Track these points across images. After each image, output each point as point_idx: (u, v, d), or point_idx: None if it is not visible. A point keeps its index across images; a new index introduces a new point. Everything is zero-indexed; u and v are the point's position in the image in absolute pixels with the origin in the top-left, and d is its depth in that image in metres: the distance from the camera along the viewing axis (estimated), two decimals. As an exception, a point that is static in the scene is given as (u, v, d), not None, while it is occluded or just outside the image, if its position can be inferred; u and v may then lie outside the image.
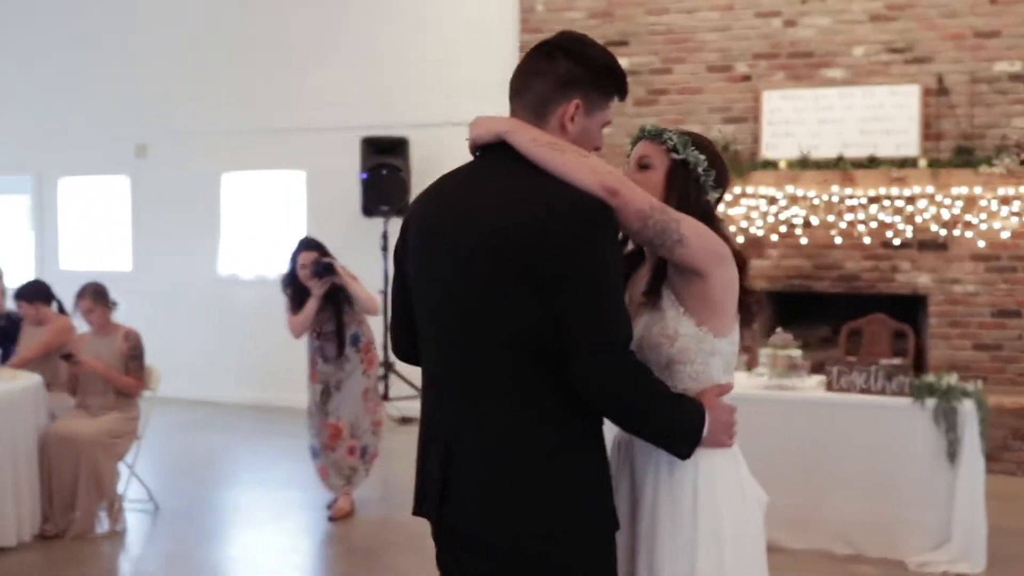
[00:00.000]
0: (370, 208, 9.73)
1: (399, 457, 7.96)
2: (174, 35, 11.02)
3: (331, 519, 6.63)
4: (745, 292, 2.65)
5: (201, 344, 10.90)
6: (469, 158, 2.64)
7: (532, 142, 2.43)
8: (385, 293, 9.56)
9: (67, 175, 11.70)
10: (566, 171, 2.39)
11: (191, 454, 8.74)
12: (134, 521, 6.63)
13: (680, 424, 2.48)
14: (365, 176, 9.72)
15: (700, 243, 2.50)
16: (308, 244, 6.77)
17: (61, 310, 7.24)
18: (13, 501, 6.01)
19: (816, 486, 6.01)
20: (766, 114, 8.75)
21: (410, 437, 8.66)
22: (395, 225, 9.74)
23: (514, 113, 2.53)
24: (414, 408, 9.58)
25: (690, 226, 2.49)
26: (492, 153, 2.50)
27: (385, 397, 9.69)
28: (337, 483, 6.72)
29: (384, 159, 9.69)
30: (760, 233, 8.66)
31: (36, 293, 7.14)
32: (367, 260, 10.09)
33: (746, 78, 8.88)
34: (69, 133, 11.49)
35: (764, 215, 8.63)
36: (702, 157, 2.64)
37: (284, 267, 6.87)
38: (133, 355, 6.69)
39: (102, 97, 11.40)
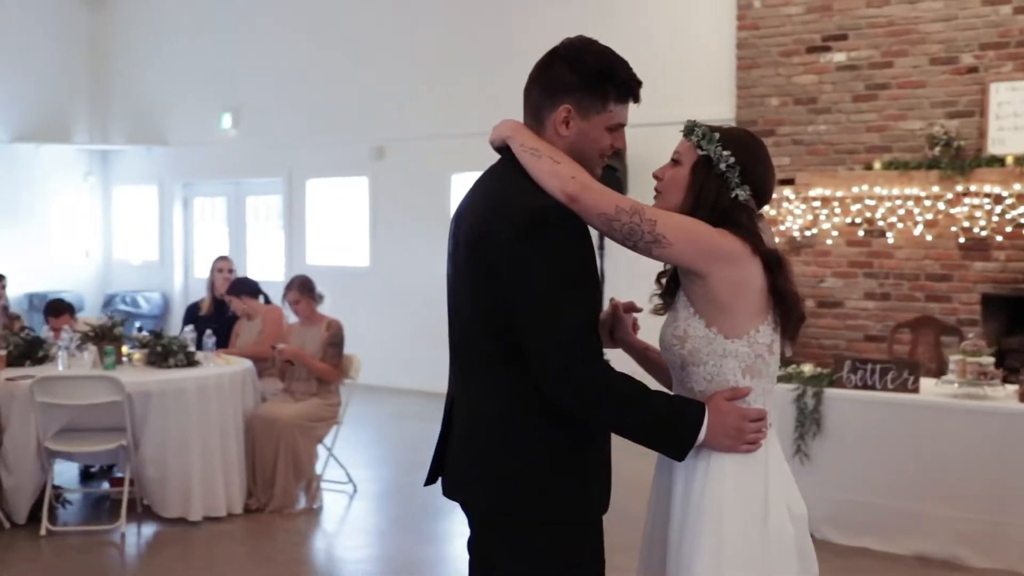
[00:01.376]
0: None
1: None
2: (411, 43, 11.52)
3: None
4: (779, 296, 2.57)
5: (429, 337, 11.34)
6: None
7: (520, 147, 2.59)
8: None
9: (314, 176, 12.46)
10: (537, 176, 2.53)
11: (407, 441, 9.11)
12: (331, 500, 7.03)
13: (662, 428, 2.51)
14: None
15: (685, 242, 2.49)
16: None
17: (267, 302, 7.78)
18: (223, 476, 6.53)
19: (1006, 502, 5.65)
20: (993, 107, 8.23)
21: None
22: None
23: (524, 119, 2.67)
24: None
25: (672, 225, 2.48)
26: (502, 156, 2.67)
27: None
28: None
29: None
30: (984, 234, 8.16)
31: (243, 288, 7.69)
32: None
33: (972, 70, 8.38)
34: (315, 137, 12.24)
35: (989, 214, 8.13)
36: (725, 152, 2.57)
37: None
38: (332, 343, 7.09)
39: (345, 103, 12.07)
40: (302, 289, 7.18)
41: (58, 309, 7.76)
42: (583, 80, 2.56)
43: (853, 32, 8.81)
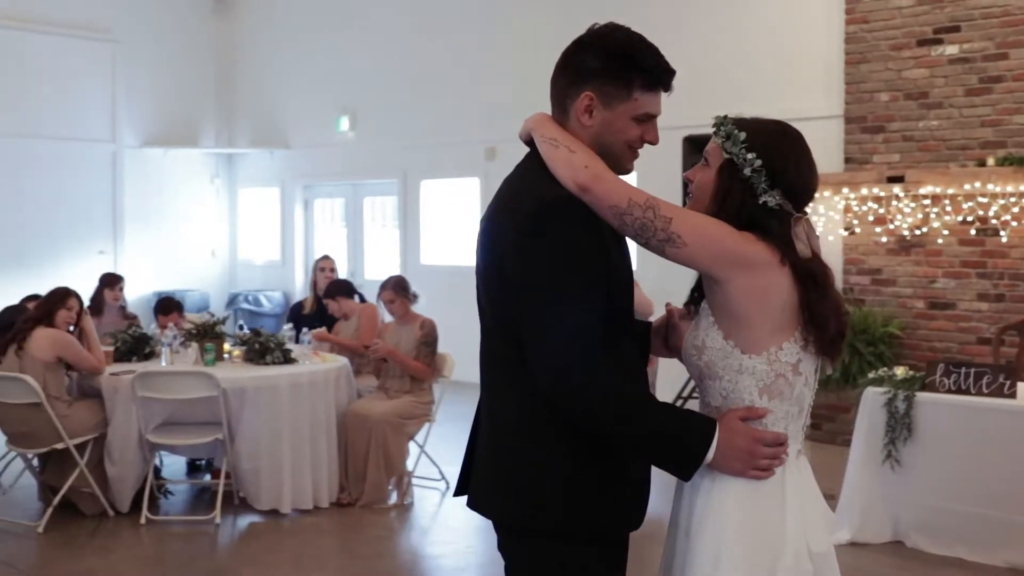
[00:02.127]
0: (690, 207, 9.72)
1: None
2: (523, 44, 11.56)
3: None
4: (810, 313, 2.35)
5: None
6: None
7: (540, 137, 2.46)
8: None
9: (427, 178, 12.63)
10: (552, 166, 2.40)
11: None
12: (423, 497, 7.14)
13: (665, 444, 2.34)
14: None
15: (701, 243, 2.31)
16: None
17: (362, 300, 7.93)
18: (311, 470, 6.70)
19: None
20: (1115, 100, 7.86)
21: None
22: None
23: (551, 111, 2.54)
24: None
25: (689, 224, 2.31)
26: (529, 151, 2.53)
27: (693, 395, 9.66)
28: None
29: (705, 157, 9.66)
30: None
31: (338, 290, 7.85)
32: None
33: (1092, 61, 8.01)
34: (429, 139, 12.41)
35: (1109, 212, 7.76)
36: (750, 155, 2.36)
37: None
38: (425, 342, 7.18)
39: (457, 105, 12.20)
40: (396, 288, 7.30)
41: (167, 307, 8.07)
42: (606, 66, 2.42)
43: (966, 23, 8.50)
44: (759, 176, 2.37)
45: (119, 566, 5.76)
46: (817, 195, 8.47)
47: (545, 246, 2.32)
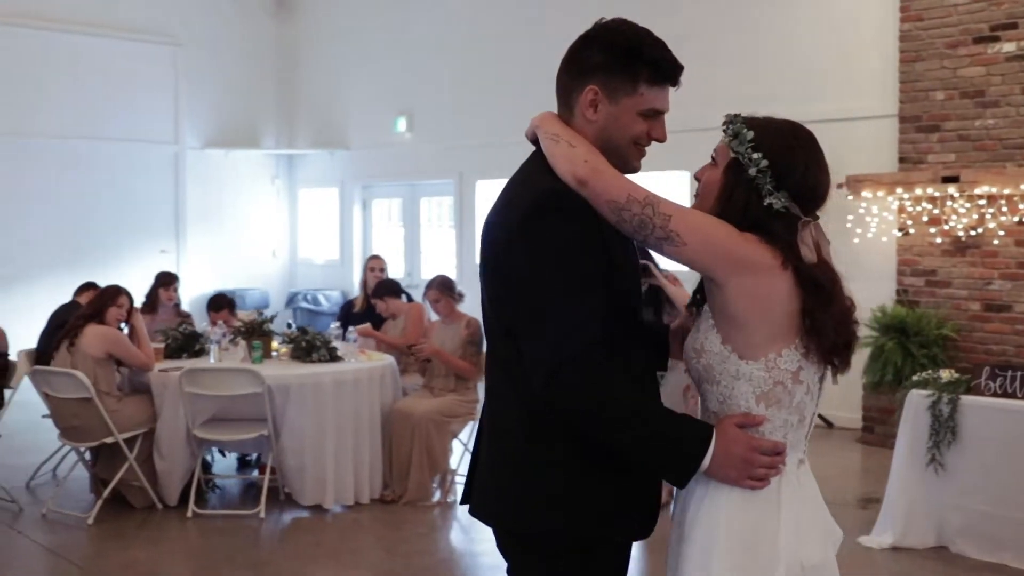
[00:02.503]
0: (741, 207, 9.65)
1: None
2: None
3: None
4: (811, 321, 2.28)
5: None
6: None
7: (543, 134, 2.42)
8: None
9: (483, 178, 12.68)
10: (552, 161, 2.35)
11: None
12: (466, 495, 7.16)
13: (660, 449, 2.27)
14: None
15: (701, 243, 2.26)
16: (630, 246, 6.97)
17: (409, 300, 7.99)
18: (355, 466, 6.77)
19: None
20: None
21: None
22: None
23: (557, 108, 2.50)
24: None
25: (688, 223, 2.26)
26: (535, 149, 2.50)
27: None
28: (655, 475, 6.82)
29: (757, 157, 9.58)
30: None
31: (385, 290, 7.92)
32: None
33: None
34: (484, 139, 12.45)
35: None
36: (756, 155, 2.30)
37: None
38: (471, 341, 7.22)
39: (512, 106, 12.21)
40: (442, 288, 7.34)
41: (218, 304, 8.21)
42: (611, 59, 2.37)
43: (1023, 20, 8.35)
44: (764, 177, 2.30)
45: (164, 558, 5.88)
46: (870, 195, 8.45)
47: (539, 242, 2.27)
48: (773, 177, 2.30)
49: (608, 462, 2.33)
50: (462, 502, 2.64)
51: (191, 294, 12.86)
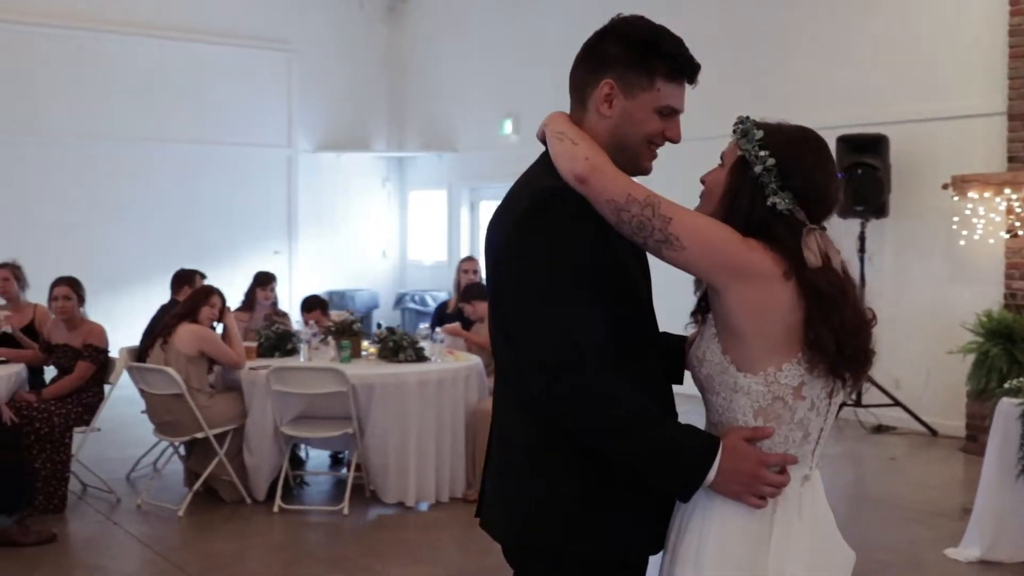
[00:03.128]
0: (844, 209, 9.44)
1: (854, 464, 7.77)
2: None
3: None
4: (814, 334, 2.19)
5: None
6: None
7: (549, 132, 2.38)
8: (861, 296, 9.28)
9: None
10: (555, 159, 2.30)
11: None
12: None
13: (663, 462, 2.20)
14: (841, 175, 9.45)
15: (700, 248, 2.18)
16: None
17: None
18: (437, 465, 6.84)
19: None
20: None
21: (877, 447, 8.52)
22: (873, 228, 9.40)
23: (570, 106, 2.45)
24: (891, 416, 9.23)
25: (688, 227, 2.19)
26: (544, 149, 2.44)
27: (858, 403, 9.40)
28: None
29: (860, 158, 9.36)
30: None
31: (472, 294, 7.92)
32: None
33: None
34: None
35: None
36: (763, 153, 2.23)
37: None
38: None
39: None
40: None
41: (310, 305, 8.38)
42: (628, 52, 2.31)
43: None
44: (770, 175, 2.23)
45: (246, 551, 6.04)
46: (977, 196, 8.16)
47: (535, 242, 2.22)
48: (779, 176, 2.24)
49: (612, 475, 2.25)
50: (476, 514, 2.55)
51: (302, 294, 13.13)
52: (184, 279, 8.10)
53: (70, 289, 6.90)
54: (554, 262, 2.20)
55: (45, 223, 12.40)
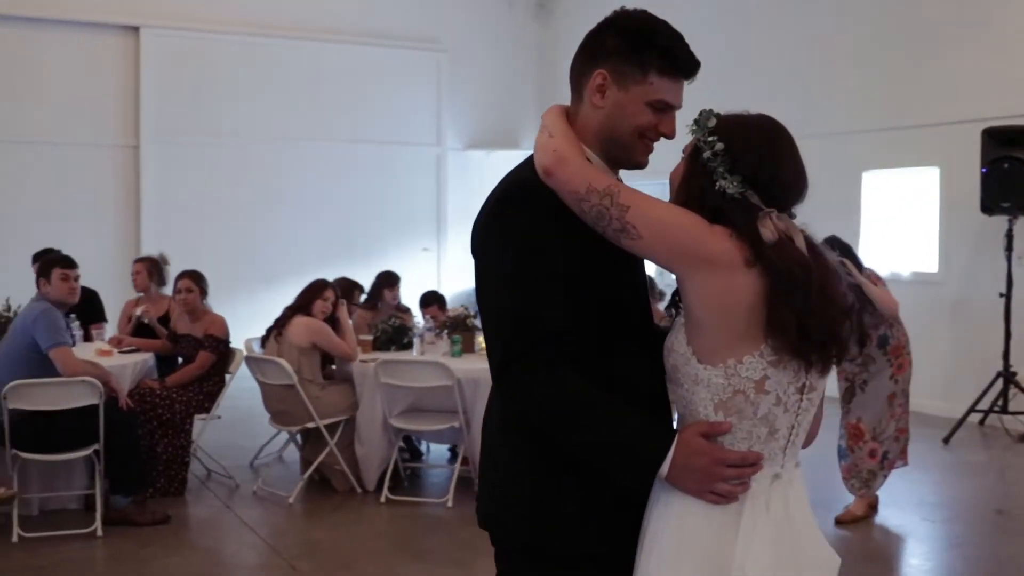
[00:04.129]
0: (989, 205, 8.98)
1: (997, 474, 7.55)
2: (818, 36, 11.15)
3: (837, 521, 6.43)
4: (775, 318, 2.14)
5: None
6: None
7: (541, 126, 2.39)
8: (1009, 297, 8.84)
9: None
10: (534, 153, 2.32)
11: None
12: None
13: (614, 454, 2.17)
14: (985, 170, 9.00)
15: (657, 236, 2.17)
16: (828, 244, 6.67)
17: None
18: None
19: None
20: None
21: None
22: (1021, 225, 8.92)
23: (571, 97, 2.45)
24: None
25: (646, 215, 2.16)
26: None
27: (1004, 410, 8.94)
28: (855, 485, 6.51)
29: (1007, 151, 8.88)
30: None
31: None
32: (985, 260, 9.39)
33: None
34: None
35: None
36: (711, 139, 2.20)
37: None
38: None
39: (761, 100, 11.88)
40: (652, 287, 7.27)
41: (428, 300, 8.52)
42: (622, 44, 2.29)
43: None
44: (717, 159, 2.20)
45: (344, 538, 6.18)
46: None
47: (498, 233, 2.25)
48: (727, 160, 2.20)
49: (573, 468, 2.24)
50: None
51: (452, 290, 13.35)
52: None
53: (191, 282, 7.21)
54: (517, 251, 2.21)
55: (210, 220, 13.01)
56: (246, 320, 8.96)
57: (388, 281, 8.74)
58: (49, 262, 6.27)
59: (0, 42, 12.27)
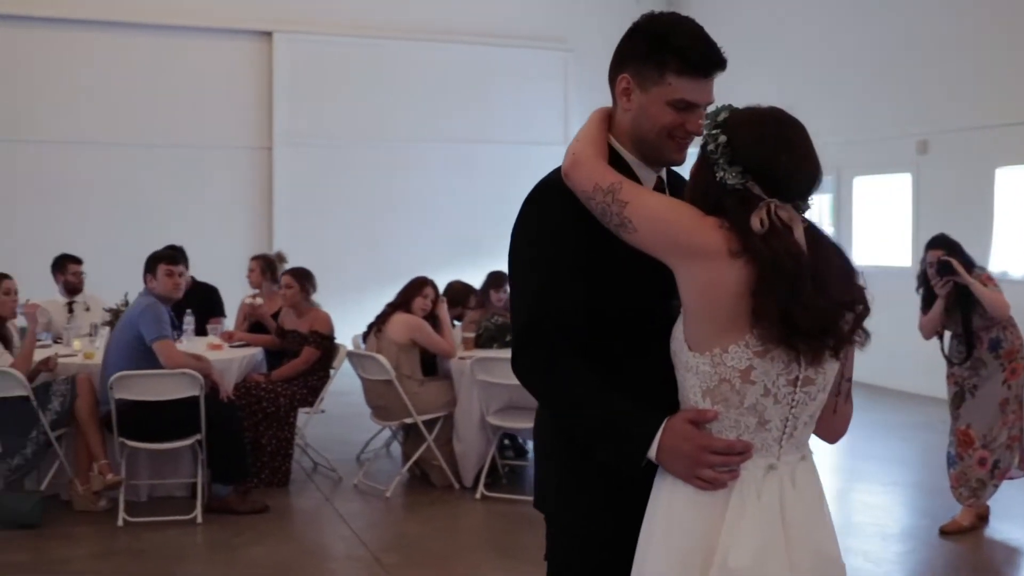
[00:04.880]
0: None
1: None
2: (957, 28, 10.75)
3: (942, 532, 6.19)
4: (759, 306, 2.13)
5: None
6: None
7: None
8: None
9: (860, 174, 12.08)
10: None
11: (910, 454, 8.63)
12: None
13: (607, 436, 2.29)
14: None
15: (651, 230, 2.24)
16: (935, 242, 6.47)
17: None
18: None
19: None
20: None
21: None
22: None
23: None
24: None
25: (642, 210, 2.24)
26: None
27: None
28: (963, 494, 6.25)
29: None
30: None
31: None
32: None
33: None
34: (860, 133, 11.86)
35: None
36: (715, 132, 2.23)
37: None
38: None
39: (890, 96, 11.57)
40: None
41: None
42: (641, 47, 2.38)
43: None
44: (719, 151, 2.23)
45: (435, 533, 6.25)
46: None
47: (523, 225, 2.42)
48: (728, 152, 2.23)
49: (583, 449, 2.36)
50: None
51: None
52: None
53: (292, 279, 7.40)
54: (534, 243, 2.39)
55: (338, 220, 13.34)
56: (372, 317, 9.13)
57: (495, 281, 8.76)
58: (155, 258, 6.51)
59: (144, 50, 12.85)
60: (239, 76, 13.25)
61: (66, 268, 8.25)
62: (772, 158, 2.22)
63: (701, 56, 2.36)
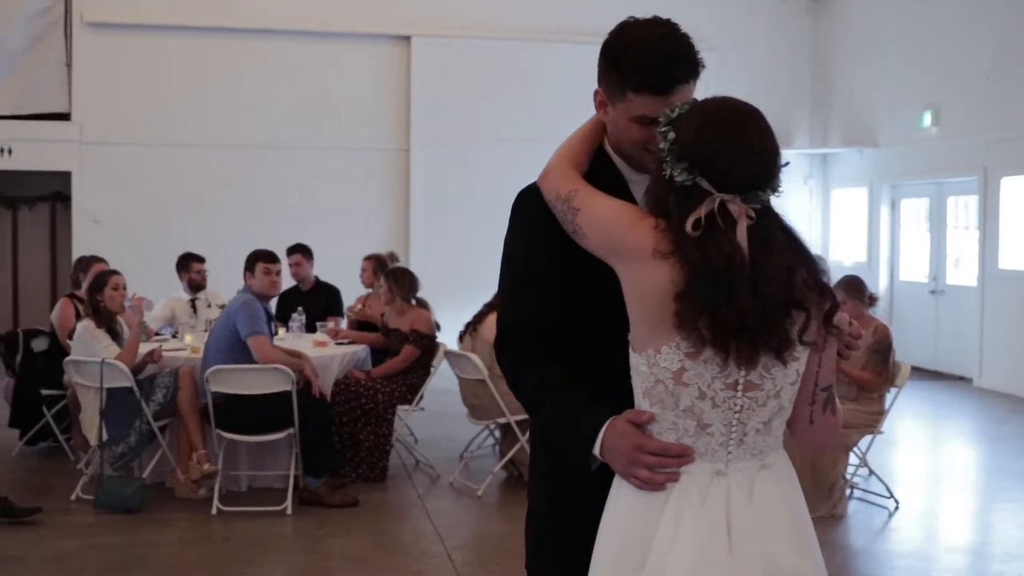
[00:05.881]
0: None
1: None
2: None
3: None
4: (684, 303, 2.09)
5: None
6: None
7: None
8: None
9: (1009, 174, 11.49)
10: None
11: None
12: (862, 511, 6.71)
13: (560, 432, 2.36)
14: None
15: (596, 234, 2.26)
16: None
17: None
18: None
19: None
20: None
21: None
22: None
23: None
24: None
25: (589, 216, 2.26)
26: None
27: None
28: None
29: None
30: None
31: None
32: None
33: None
34: (1009, 132, 11.29)
35: None
36: (665, 128, 2.18)
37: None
38: (876, 349, 6.70)
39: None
40: (849, 289, 6.90)
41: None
42: (603, 63, 2.38)
43: None
44: (667, 147, 2.18)
45: (516, 533, 6.11)
46: None
47: (508, 231, 2.52)
48: (676, 148, 2.17)
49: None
50: None
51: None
52: None
53: (384, 280, 7.59)
54: (509, 251, 2.49)
55: (472, 221, 13.45)
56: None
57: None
58: (254, 256, 6.74)
59: (290, 55, 13.29)
60: (380, 79, 13.55)
61: (190, 266, 8.63)
62: (713, 149, 2.14)
63: (657, 75, 2.29)
